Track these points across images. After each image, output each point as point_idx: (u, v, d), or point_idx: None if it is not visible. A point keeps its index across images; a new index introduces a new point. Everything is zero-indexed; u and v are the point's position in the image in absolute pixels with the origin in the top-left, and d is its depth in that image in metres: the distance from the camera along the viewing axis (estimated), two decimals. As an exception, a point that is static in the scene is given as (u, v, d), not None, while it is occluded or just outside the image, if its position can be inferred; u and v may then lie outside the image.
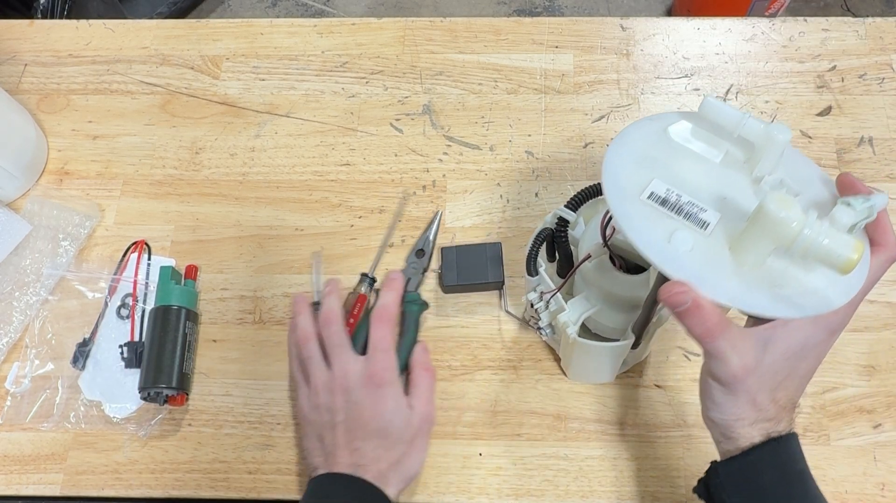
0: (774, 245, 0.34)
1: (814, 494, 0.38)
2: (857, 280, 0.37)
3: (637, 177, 0.38)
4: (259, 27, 0.75)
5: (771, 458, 0.38)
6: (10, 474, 0.58)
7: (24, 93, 0.73)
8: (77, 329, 0.61)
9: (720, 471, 0.40)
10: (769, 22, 0.73)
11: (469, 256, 0.60)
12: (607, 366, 0.54)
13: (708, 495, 0.41)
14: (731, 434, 0.39)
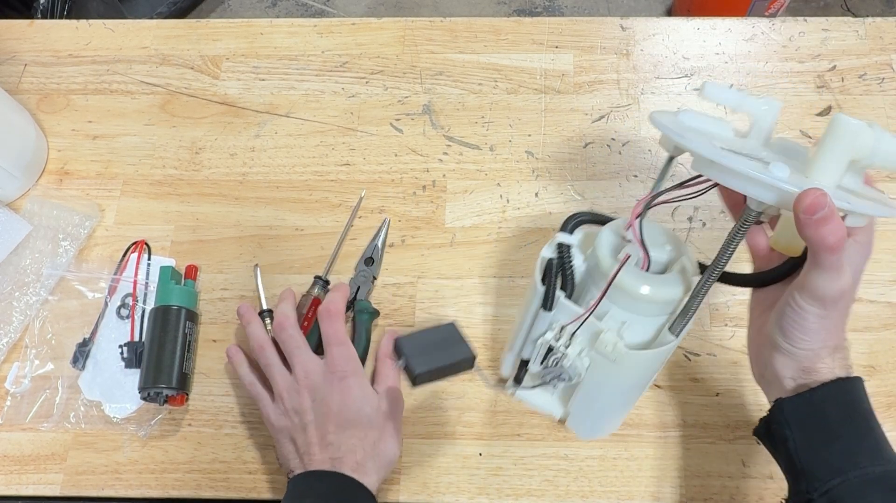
0: (851, 157, 0.36)
1: (879, 433, 0.39)
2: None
3: (700, 137, 0.40)
4: (259, 27, 0.75)
5: (838, 395, 0.38)
6: (10, 474, 0.58)
7: (23, 93, 0.73)
8: (77, 329, 0.61)
9: (785, 408, 0.40)
10: (769, 22, 0.73)
11: (427, 340, 0.49)
12: (645, 383, 0.48)
13: (769, 433, 0.41)
14: (814, 365, 0.39)
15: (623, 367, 0.43)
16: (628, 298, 0.43)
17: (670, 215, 0.64)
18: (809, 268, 0.37)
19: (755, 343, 0.43)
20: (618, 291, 0.42)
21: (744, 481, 0.55)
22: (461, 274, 0.63)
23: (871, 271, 0.61)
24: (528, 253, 0.63)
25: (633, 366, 0.43)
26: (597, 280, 0.44)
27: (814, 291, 0.37)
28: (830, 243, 0.34)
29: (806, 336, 0.38)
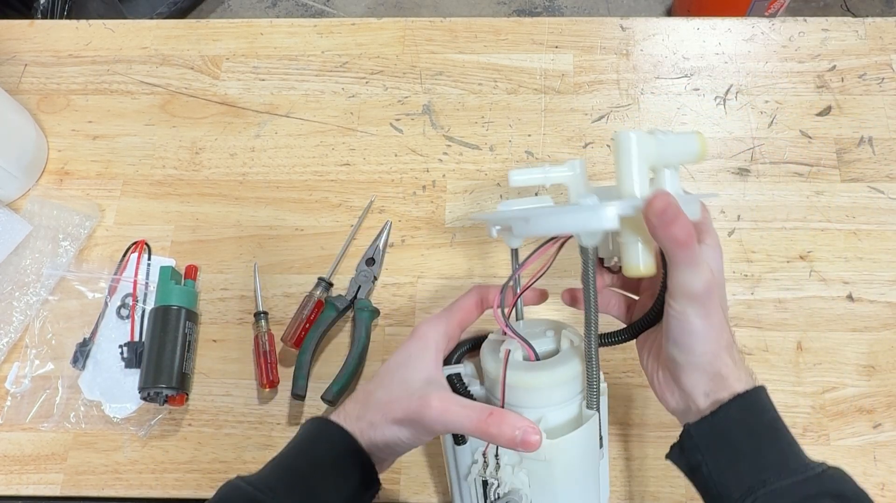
0: (647, 163, 0.38)
1: (785, 443, 0.39)
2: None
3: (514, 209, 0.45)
4: (259, 27, 0.75)
5: (739, 412, 0.39)
6: (10, 474, 0.58)
7: (24, 93, 0.73)
8: (77, 329, 0.61)
9: (693, 433, 0.40)
10: (769, 22, 0.73)
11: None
12: (593, 460, 0.44)
13: (684, 458, 0.41)
14: (720, 370, 0.39)
15: (560, 460, 0.40)
16: (529, 394, 0.41)
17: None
18: (673, 273, 0.38)
19: (659, 381, 0.43)
20: (516, 391, 0.41)
21: (743, 481, 0.55)
22: (461, 274, 0.63)
23: (871, 271, 0.61)
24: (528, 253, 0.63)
25: (568, 452, 0.41)
26: (495, 391, 0.42)
27: (685, 291, 0.38)
28: (682, 238, 0.36)
29: (697, 339, 0.39)
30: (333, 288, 0.62)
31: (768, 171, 0.66)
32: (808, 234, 0.63)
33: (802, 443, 0.39)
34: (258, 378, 0.59)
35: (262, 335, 0.60)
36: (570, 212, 0.37)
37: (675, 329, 0.39)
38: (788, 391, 0.57)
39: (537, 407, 0.41)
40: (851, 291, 0.61)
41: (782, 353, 0.59)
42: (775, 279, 0.61)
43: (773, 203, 0.64)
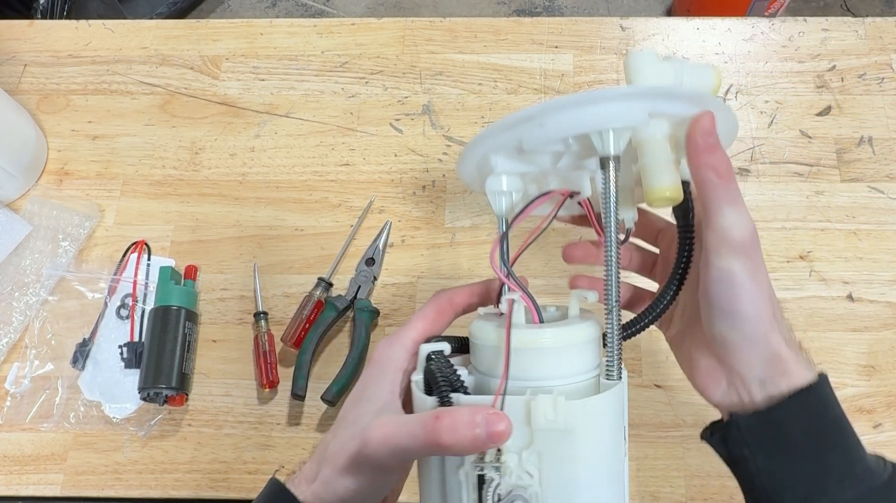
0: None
1: (849, 442, 0.34)
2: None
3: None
4: (259, 27, 0.75)
5: (802, 412, 0.33)
6: (10, 474, 0.58)
7: (23, 93, 0.73)
8: (77, 329, 0.61)
9: (742, 426, 0.34)
10: (769, 22, 0.73)
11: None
12: (619, 441, 0.35)
13: (725, 448, 0.36)
14: (779, 352, 0.33)
15: (584, 429, 0.32)
16: (537, 360, 0.34)
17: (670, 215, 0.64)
18: (713, 217, 0.33)
19: (701, 371, 0.37)
20: (522, 357, 0.33)
21: (744, 481, 0.55)
22: (461, 274, 0.63)
23: (871, 271, 0.61)
24: (528, 253, 0.63)
25: (594, 419, 0.33)
26: (496, 365, 0.35)
27: (728, 239, 0.32)
28: (724, 168, 0.32)
29: (747, 301, 0.33)
30: (333, 288, 0.62)
31: (768, 170, 0.65)
32: (808, 234, 0.63)
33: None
34: (258, 378, 0.59)
35: (262, 335, 0.60)
36: (591, 100, 0.32)
37: (719, 294, 0.33)
38: (788, 391, 0.57)
39: (546, 378, 0.34)
40: (851, 291, 0.61)
41: (782, 353, 0.59)
42: (775, 279, 0.61)
43: (773, 203, 0.64)
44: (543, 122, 0.33)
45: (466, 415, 0.29)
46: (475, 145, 0.37)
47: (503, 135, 0.35)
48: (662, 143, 0.33)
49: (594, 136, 0.33)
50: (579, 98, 0.32)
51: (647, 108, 0.32)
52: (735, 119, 0.36)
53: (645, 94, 0.32)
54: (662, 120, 0.33)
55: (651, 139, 0.33)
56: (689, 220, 0.37)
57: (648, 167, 0.33)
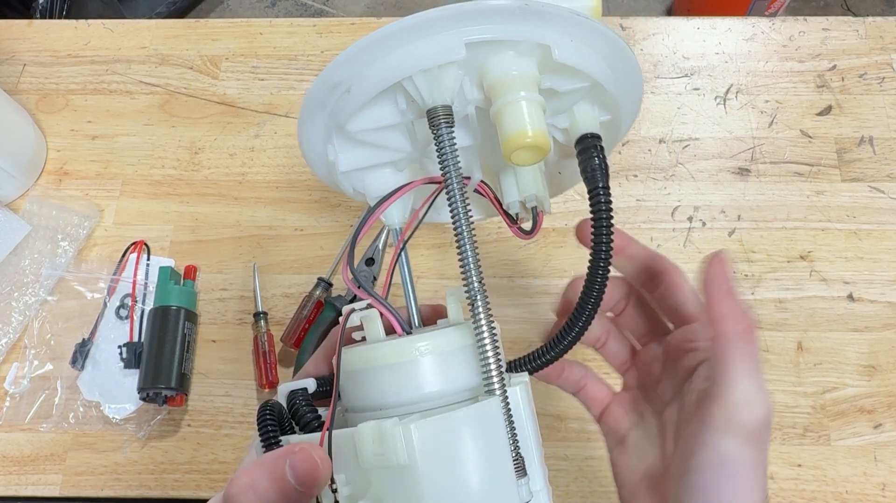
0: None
1: None
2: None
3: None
4: (258, 27, 0.75)
5: None
6: (10, 475, 0.58)
7: (22, 93, 0.73)
8: (76, 329, 0.61)
9: None
10: (769, 21, 0.72)
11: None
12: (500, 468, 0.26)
13: None
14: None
15: (427, 460, 0.24)
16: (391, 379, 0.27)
17: (670, 215, 0.64)
18: (724, 389, 0.27)
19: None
20: (370, 376, 0.27)
21: (744, 481, 0.55)
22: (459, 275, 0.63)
23: (872, 271, 0.61)
24: (528, 253, 0.63)
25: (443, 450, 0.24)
26: (352, 399, 0.28)
27: (740, 419, 0.26)
28: (747, 324, 0.26)
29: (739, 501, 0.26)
30: (333, 288, 0.62)
31: (769, 170, 0.65)
32: (808, 234, 0.63)
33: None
34: (257, 378, 0.59)
35: (262, 335, 0.60)
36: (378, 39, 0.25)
37: (706, 484, 0.27)
38: (789, 391, 0.57)
39: (405, 404, 0.26)
40: (852, 291, 0.61)
41: (783, 353, 0.59)
42: (776, 279, 0.61)
43: (774, 203, 0.64)
44: (350, 85, 0.26)
45: (268, 458, 0.24)
46: (300, 138, 0.29)
47: (319, 114, 0.28)
48: (519, 80, 0.26)
49: (408, 87, 0.26)
50: (371, 38, 0.25)
51: (460, 36, 0.25)
52: (632, 57, 0.28)
53: (447, 17, 0.25)
54: (510, 52, 0.27)
55: (501, 78, 0.26)
56: (598, 181, 0.28)
57: (501, 111, 0.26)
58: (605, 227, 0.28)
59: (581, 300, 0.29)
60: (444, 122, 0.26)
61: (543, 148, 0.26)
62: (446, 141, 0.26)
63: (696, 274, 0.29)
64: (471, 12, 0.25)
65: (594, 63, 0.27)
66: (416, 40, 0.25)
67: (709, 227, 0.63)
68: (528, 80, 0.27)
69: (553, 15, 0.25)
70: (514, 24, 0.25)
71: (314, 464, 0.24)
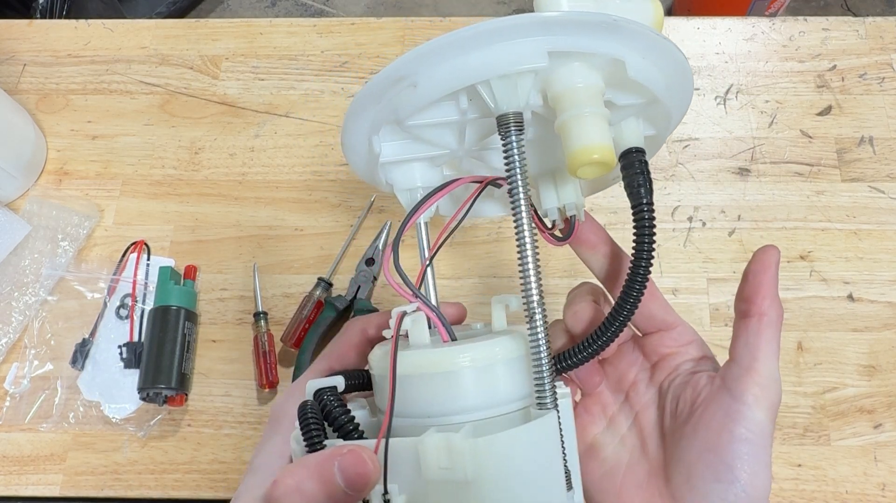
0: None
1: None
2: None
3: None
4: (258, 27, 0.75)
5: None
6: (10, 475, 0.58)
7: (22, 93, 0.73)
8: (76, 329, 0.61)
9: None
10: (769, 21, 0.72)
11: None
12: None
13: None
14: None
15: (491, 474, 0.24)
16: (441, 388, 0.26)
17: (670, 215, 0.64)
18: (760, 363, 0.29)
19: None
20: (420, 384, 0.26)
21: (744, 481, 0.55)
22: (461, 274, 0.63)
23: (872, 271, 0.61)
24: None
25: (505, 462, 0.24)
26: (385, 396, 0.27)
27: (772, 391, 0.29)
28: (781, 311, 0.29)
29: (762, 474, 0.28)
30: (333, 288, 0.62)
31: (769, 170, 0.65)
32: (808, 234, 0.63)
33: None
34: (257, 378, 0.59)
35: (262, 335, 0.60)
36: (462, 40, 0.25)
37: (739, 455, 0.28)
38: (789, 391, 0.57)
39: (455, 412, 0.26)
40: (852, 291, 0.61)
41: (783, 353, 0.59)
42: (776, 279, 0.61)
43: (774, 203, 0.64)
44: (416, 81, 0.26)
45: (313, 459, 0.24)
46: (346, 127, 0.29)
47: (372, 106, 0.28)
48: (586, 93, 0.26)
49: (483, 90, 0.26)
50: (449, 39, 0.25)
51: (543, 45, 0.25)
52: (690, 75, 0.29)
53: (532, 24, 0.24)
54: (580, 64, 0.26)
55: (569, 89, 0.26)
56: (643, 197, 0.29)
57: (567, 124, 0.26)
58: (648, 242, 0.29)
59: (619, 303, 0.29)
60: (515, 129, 0.26)
61: (609, 163, 0.26)
62: (515, 147, 0.26)
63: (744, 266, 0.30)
64: (557, 22, 0.25)
65: (658, 81, 0.27)
66: (497, 44, 0.25)
67: (709, 226, 0.63)
68: (595, 94, 0.27)
69: (634, 31, 0.25)
70: (597, 37, 0.25)
71: (365, 466, 0.23)
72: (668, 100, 0.28)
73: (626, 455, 0.34)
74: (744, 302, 0.30)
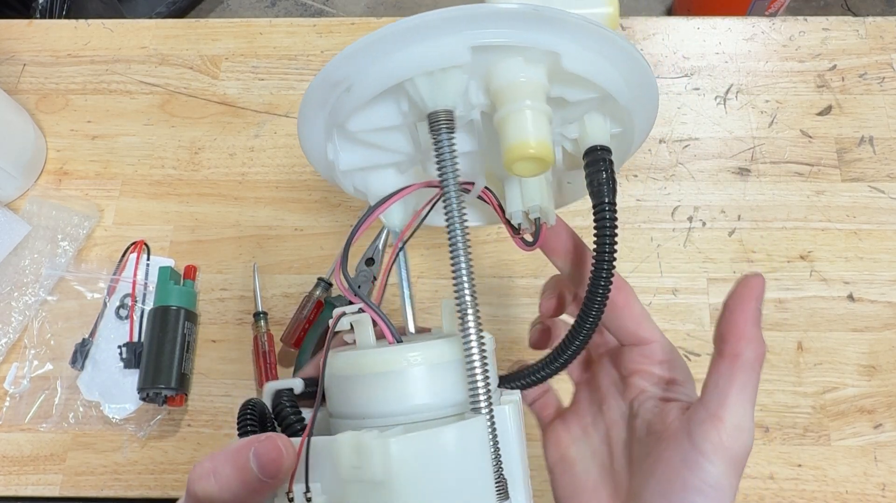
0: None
1: None
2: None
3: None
4: (258, 27, 0.75)
5: None
6: (9, 475, 0.58)
7: (22, 93, 0.73)
8: (76, 329, 0.61)
9: None
10: (769, 21, 0.72)
11: None
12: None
13: None
14: None
15: (404, 475, 0.23)
16: (376, 388, 0.26)
17: (670, 215, 0.64)
18: (726, 409, 0.26)
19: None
20: (357, 384, 0.26)
21: (744, 481, 0.55)
22: (461, 274, 0.63)
23: (872, 271, 0.61)
24: (528, 253, 0.63)
25: (419, 463, 0.23)
26: (337, 405, 0.28)
27: (735, 442, 0.26)
28: (762, 351, 0.26)
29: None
30: (333, 288, 0.62)
31: (769, 170, 0.65)
32: (808, 234, 0.63)
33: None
34: (257, 378, 0.59)
35: (262, 335, 0.60)
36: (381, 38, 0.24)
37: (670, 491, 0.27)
38: (789, 391, 0.57)
39: (390, 415, 0.26)
40: (852, 291, 0.61)
41: (783, 353, 0.59)
42: (776, 279, 0.61)
43: (774, 203, 0.64)
44: (350, 83, 0.25)
45: (233, 446, 0.24)
46: (300, 132, 0.28)
47: (318, 113, 0.27)
48: (525, 88, 0.25)
49: (409, 88, 0.25)
50: (373, 38, 0.24)
51: (466, 40, 0.24)
52: (646, 67, 0.28)
53: (453, 19, 0.24)
54: (518, 59, 0.26)
55: (507, 85, 0.26)
56: (605, 195, 0.28)
57: (504, 119, 0.26)
58: (609, 244, 0.27)
59: (580, 316, 0.28)
60: (445, 127, 0.26)
61: (546, 160, 0.25)
62: (446, 146, 0.26)
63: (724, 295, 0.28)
64: (478, 15, 0.24)
65: (605, 73, 0.26)
66: (420, 41, 0.24)
67: (709, 226, 0.63)
68: (535, 89, 0.26)
69: (563, 21, 0.25)
70: (522, 29, 0.25)
71: (279, 453, 0.23)
72: (623, 93, 0.27)
73: (594, 472, 0.33)
74: (719, 339, 0.27)
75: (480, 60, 0.25)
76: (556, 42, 0.25)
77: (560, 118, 0.29)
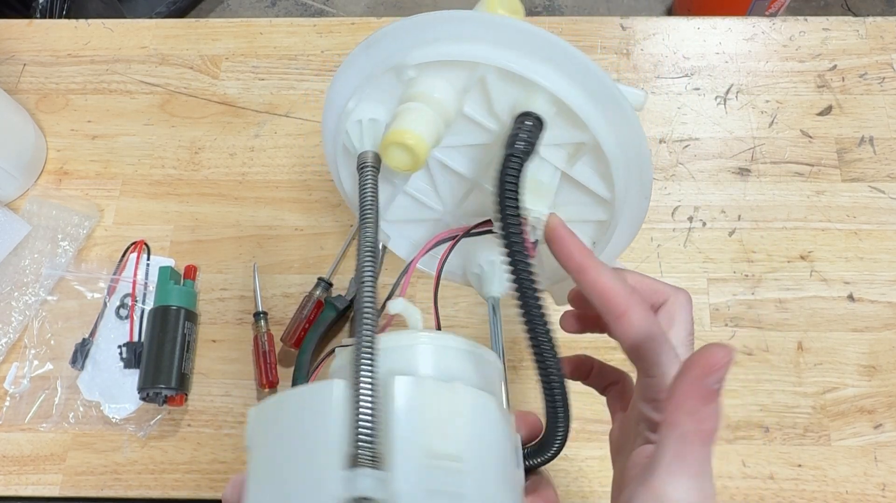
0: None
1: None
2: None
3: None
4: (258, 27, 0.75)
5: None
6: (9, 475, 0.58)
7: (22, 92, 0.73)
8: (76, 329, 0.61)
9: None
10: (769, 21, 0.72)
11: None
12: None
13: None
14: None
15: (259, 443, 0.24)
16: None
17: (670, 215, 0.64)
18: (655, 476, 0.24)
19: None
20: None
21: (744, 481, 0.55)
22: (461, 273, 0.63)
23: (872, 271, 0.61)
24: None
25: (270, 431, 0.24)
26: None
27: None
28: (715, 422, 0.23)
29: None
30: (333, 288, 0.62)
31: (769, 170, 0.65)
32: (808, 234, 0.63)
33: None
34: (257, 378, 0.59)
35: (262, 335, 0.60)
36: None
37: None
38: (789, 391, 0.57)
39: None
40: (852, 291, 0.61)
41: (783, 353, 0.59)
42: (776, 279, 0.61)
43: (774, 203, 0.64)
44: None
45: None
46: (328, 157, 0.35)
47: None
48: (432, 94, 0.29)
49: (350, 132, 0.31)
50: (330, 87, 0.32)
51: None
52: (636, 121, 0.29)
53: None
54: (436, 72, 0.30)
55: (420, 92, 0.30)
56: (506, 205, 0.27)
57: (399, 114, 0.29)
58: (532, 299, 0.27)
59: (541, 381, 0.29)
60: (371, 170, 0.30)
61: (419, 155, 0.28)
62: (369, 185, 0.29)
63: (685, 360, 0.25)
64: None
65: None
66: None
67: (709, 226, 0.63)
68: (441, 98, 0.29)
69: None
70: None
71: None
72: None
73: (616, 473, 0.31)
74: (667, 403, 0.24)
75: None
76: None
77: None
